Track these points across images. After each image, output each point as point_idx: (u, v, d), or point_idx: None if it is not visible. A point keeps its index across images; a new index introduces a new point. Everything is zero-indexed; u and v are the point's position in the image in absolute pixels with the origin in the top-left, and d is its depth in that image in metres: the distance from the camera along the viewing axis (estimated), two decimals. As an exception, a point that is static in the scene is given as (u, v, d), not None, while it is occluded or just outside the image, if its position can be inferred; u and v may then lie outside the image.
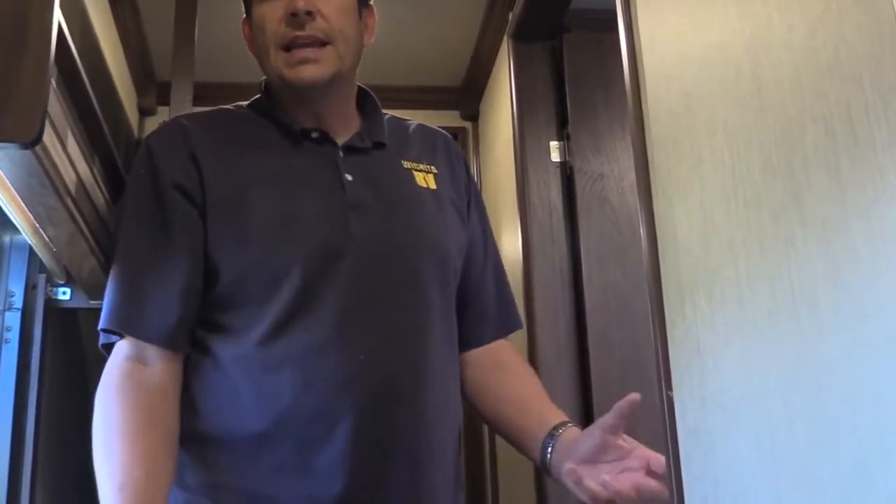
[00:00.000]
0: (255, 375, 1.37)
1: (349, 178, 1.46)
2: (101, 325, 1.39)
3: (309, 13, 1.41)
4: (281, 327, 1.37)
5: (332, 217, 1.43)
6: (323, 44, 1.43)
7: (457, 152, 1.69)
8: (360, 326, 1.39)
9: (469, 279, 1.62)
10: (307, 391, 1.36)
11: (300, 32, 1.42)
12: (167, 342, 1.37)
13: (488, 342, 1.64)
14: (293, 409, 1.35)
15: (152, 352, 1.36)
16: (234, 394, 1.38)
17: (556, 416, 1.51)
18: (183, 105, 2.37)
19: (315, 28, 1.42)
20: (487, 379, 1.60)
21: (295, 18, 1.41)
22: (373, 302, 1.41)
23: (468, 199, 1.65)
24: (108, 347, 1.40)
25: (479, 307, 1.63)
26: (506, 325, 1.68)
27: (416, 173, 1.56)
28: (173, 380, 1.38)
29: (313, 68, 1.43)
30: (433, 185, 1.57)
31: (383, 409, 1.37)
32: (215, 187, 1.43)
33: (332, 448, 1.34)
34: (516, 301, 1.76)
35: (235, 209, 1.42)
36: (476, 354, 1.62)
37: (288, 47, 1.43)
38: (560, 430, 1.47)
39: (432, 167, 1.59)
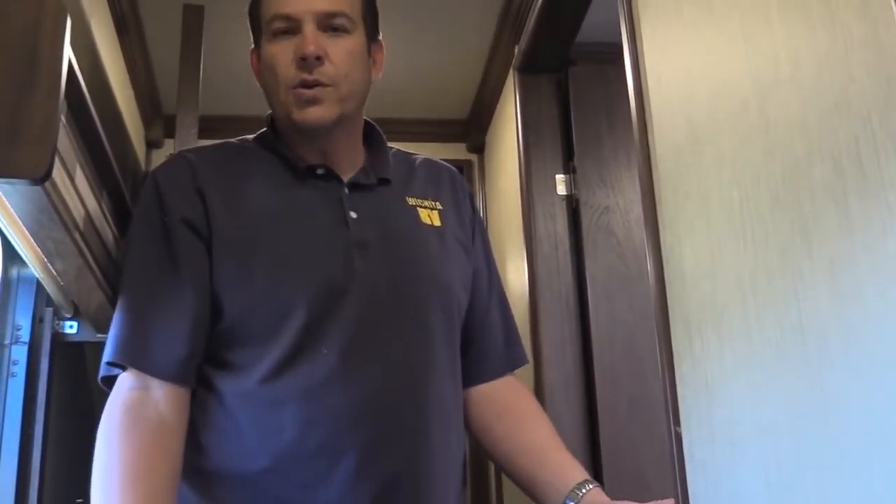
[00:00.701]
0: (258, 412, 1.37)
1: (353, 215, 1.46)
2: (106, 357, 1.38)
3: (318, 58, 1.42)
4: (284, 365, 1.37)
5: (335, 255, 1.43)
6: (327, 85, 1.44)
7: (462, 186, 1.69)
8: (362, 364, 1.39)
9: (474, 313, 1.61)
10: (310, 428, 1.35)
11: (308, 77, 1.43)
12: (174, 377, 1.36)
13: (494, 378, 1.62)
14: (295, 445, 1.35)
15: (157, 387, 1.35)
16: (237, 430, 1.37)
17: (576, 470, 1.50)
18: (189, 138, 2.38)
19: (322, 73, 1.43)
20: (498, 422, 1.59)
21: (304, 62, 1.42)
22: (376, 339, 1.41)
23: (472, 233, 1.65)
24: (107, 381, 1.40)
25: (485, 342, 1.62)
26: (512, 361, 1.66)
27: (420, 210, 1.56)
28: (179, 417, 1.37)
29: (318, 110, 1.44)
30: (437, 223, 1.57)
31: (385, 446, 1.37)
32: (221, 223, 1.43)
33: (334, 484, 1.34)
34: (523, 334, 1.76)
35: (240, 246, 1.42)
36: (483, 392, 1.61)
37: (295, 87, 1.44)
38: (583, 490, 1.46)
39: (437, 203, 1.59)
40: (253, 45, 1.56)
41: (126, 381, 1.37)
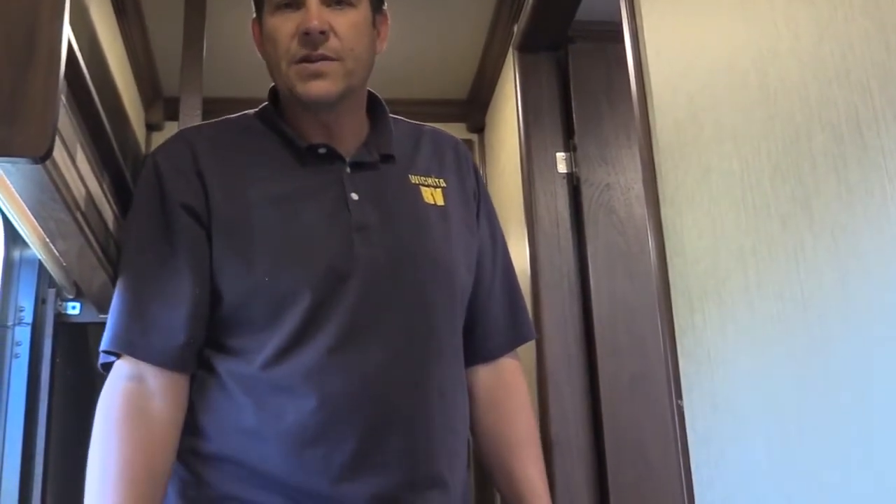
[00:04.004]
0: (259, 396, 1.36)
1: (355, 196, 1.44)
2: (103, 346, 1.37)
3: (322, 32, 1.39)
4: (286, 350, 1.35)
5: (336, 239, 1.41)
6: (333, 60, 1.42)
7: (466, 159, 1.66)
8: (364, 349, 1.37)
9: (478, 292, 1.59)
10: (311, 413, 1.34)
11: (312, 52, 1.40)
12: (172, 364, 1.35)
13: (498, 356, 1.60)
14: (296, 430, 1.34)
15: (154, 376, 1.34)
16: (237, 414, 1.36)
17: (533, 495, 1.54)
18: (192, 120, 2.36)
19: (328, 48, 1.40)
20: (486, 415, 1.59)
21: (308, 37, 1.40)
22: (377, 324, 1.40)
23: (477, 207, 1.63)
24: (107, 367, 1.39)
25: (489, 319, 1.60)
26: (516, 337, 1.64)
27: (423, 189, 1.53)
28: (175, 405, 1.35)
29: (324, 84, 1.41)
30: (441, 202, 1.54)
31: (388, 430, 1.36)
32: (221, 208, 1.41)
33: (334, 468, 1.33)
34: (524, 311, 1.74)
35: (240, 232, 1.40)
36: (482, 376, 1.59)
37: (299, 62, 1.42)
38: None
39: (440, 181, 1.57)
40: (255, 15, 1.53)
41: (122, 370, 1.35)
